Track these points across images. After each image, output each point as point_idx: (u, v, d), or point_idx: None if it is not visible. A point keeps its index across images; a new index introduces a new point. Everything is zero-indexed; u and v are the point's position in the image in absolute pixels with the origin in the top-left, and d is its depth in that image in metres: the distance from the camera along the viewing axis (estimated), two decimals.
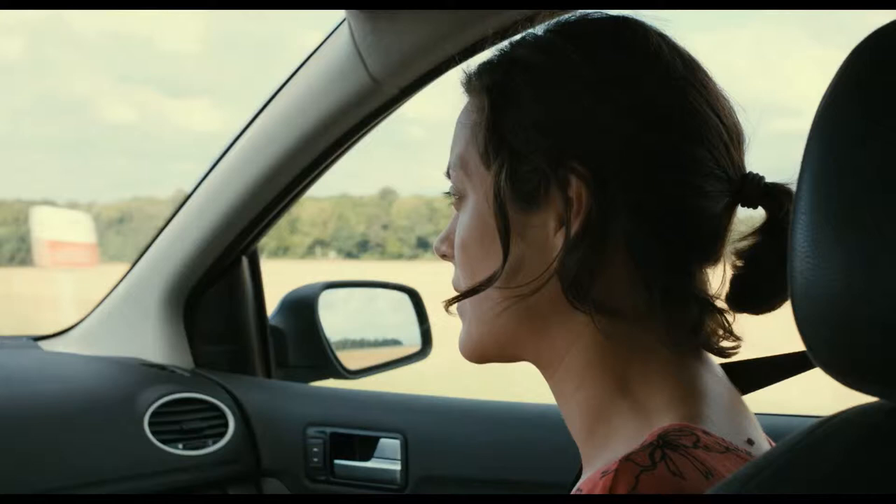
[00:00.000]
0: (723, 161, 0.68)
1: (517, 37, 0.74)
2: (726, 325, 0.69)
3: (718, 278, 0.71)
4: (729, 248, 0.70)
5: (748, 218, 0.71)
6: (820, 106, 0.48)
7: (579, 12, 0.73)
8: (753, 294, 0.70)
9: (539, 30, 0.73)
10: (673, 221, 0.67)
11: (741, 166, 0.70)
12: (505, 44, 0.74)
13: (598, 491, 0.57)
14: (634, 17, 0.71)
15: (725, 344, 0.69)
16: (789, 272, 0.48)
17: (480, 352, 0.74)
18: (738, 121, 0.71)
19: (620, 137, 0.66)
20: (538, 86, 0.68)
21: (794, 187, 0.63)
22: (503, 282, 0.68)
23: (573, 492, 0.61)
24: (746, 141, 0.71)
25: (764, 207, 0.69)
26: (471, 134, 0.72)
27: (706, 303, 0.68)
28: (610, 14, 0.72)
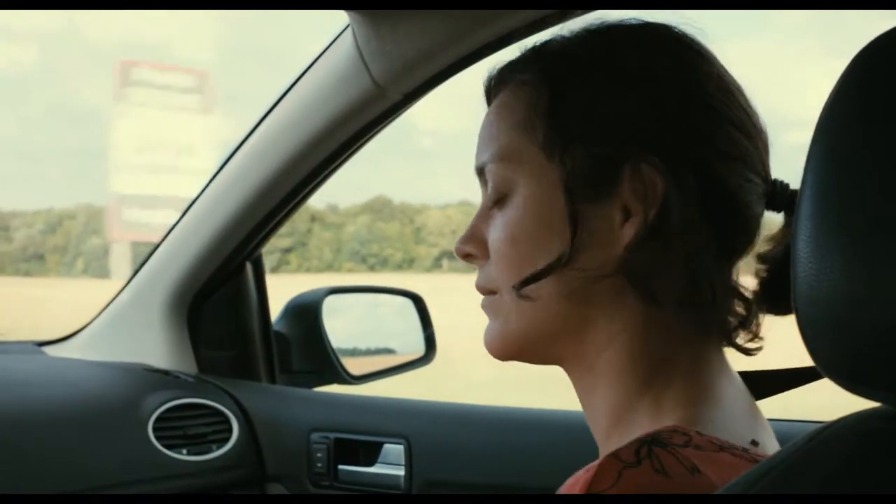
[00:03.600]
0: (764, 162, 0.70)
1: (553, 34, 0.73)
2: (758, 324, 0.69)
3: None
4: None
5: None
6: (822, 112, 0.48)
7: (613, 19, 0.72)
8: (780, 296, 0.70)
9: (578, 28, 0.72)
10: (731, 216, 0.68)
11: (769, 172, 0.71)
12: (543, 39, 0.73)
13: (579, 486, 0.56)
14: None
15: (750, 345, 0.70)
16: (792, 278, 0.48)
17: (518, 346, 0.72)
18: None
19: (686, 128, 0.66)
20: (602, 78, 0.68)
21: None
22: (565, 269, 0.67)
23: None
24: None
25: (787, 213, 0.71)
26: (520, 126, 0.70)
27: (748, 301, 0.69)
28: (646, 21, 0.72)
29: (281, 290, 1.78)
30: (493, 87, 0.75)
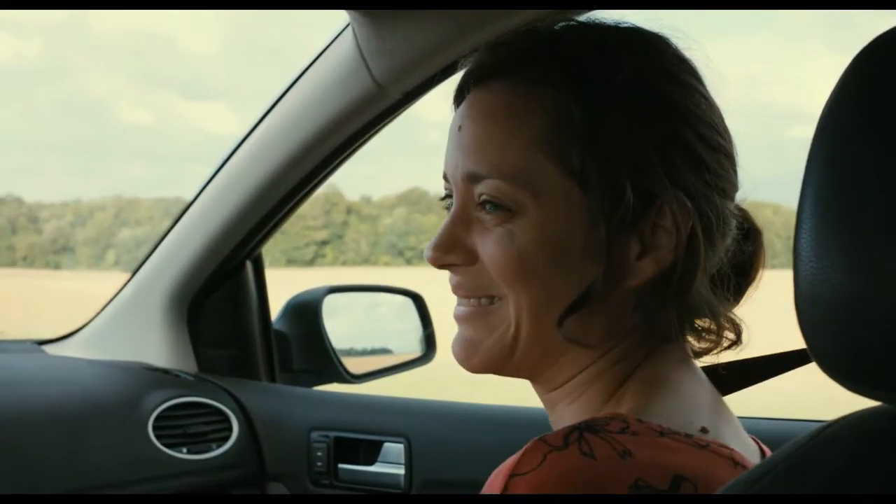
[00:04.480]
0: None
1: (564, 34, 0.68)
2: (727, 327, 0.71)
3: None
4: None
5: None
6: (823, 111, 0.48)
7: (612, 20, 0.70)
8: (740, 291, 0.73)
9: (590, 32, 0.68)
10: (721, 250, 0.68)
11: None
12: (556, 38, 0.68)
13: (503, 470, 0.57)
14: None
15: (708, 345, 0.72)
16: (794, 277, 0.48)
17: (508, 361, 0.69)
18: None
19: (704, 165, 0.66)
20: (636, 105, 0.65)
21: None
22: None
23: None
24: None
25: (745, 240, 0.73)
26: (543, 146, 0.65)
27: (732, 322, 0.70)
28: (639, 26, 0.69)
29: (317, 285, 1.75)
30: (483, 82, 0.69)
